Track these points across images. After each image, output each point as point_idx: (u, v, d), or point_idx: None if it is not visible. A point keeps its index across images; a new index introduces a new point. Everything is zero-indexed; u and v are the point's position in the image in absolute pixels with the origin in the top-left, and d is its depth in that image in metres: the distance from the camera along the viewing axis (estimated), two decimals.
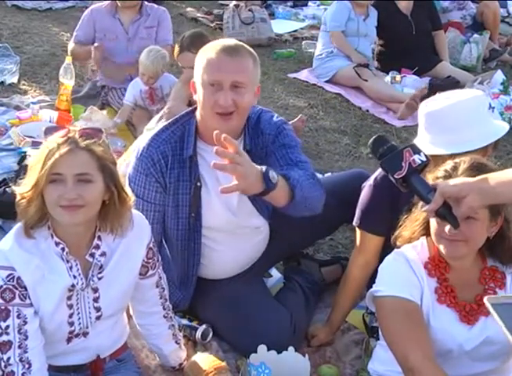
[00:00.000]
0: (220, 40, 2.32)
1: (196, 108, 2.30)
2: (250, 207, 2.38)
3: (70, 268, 1.81)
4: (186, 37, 3.68)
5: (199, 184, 2.27)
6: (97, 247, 1.84)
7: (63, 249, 1.79)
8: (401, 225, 1.95)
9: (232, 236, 2.40)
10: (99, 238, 1.85)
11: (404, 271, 1.86)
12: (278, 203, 2.11)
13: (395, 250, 1.94)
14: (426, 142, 2.12)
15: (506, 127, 2.17)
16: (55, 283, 1.80)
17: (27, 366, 1.76)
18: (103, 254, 1.86)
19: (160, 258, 2.05)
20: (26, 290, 1.76)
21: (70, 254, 1.80)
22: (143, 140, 2.34)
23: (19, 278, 1.74)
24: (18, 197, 1.74)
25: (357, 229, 2.41)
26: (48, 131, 1.79)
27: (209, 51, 2.18)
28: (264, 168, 1.94)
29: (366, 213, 2.35)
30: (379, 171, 2.33)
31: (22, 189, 1.74)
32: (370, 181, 2.35)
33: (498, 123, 2.21)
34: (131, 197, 1.86)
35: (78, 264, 1.82)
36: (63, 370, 1.95)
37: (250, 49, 2.23)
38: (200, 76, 2.17)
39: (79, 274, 1.83)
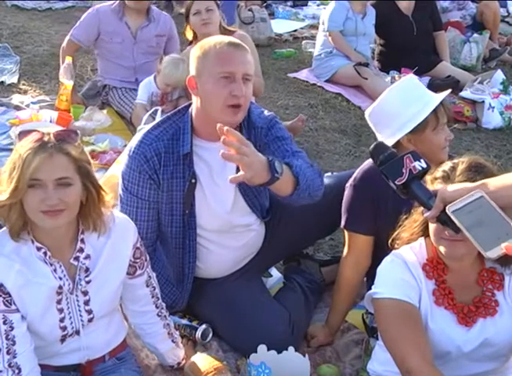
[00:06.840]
0: (219, 36, 2.33)
1: (189, 105, 2.30)
2: (244, 205, 2.38)
3: (55, 270, 1.80)
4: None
5: (193, 181, 2.27)
6: (81, 250, 1.84)
7: (45, 253, 1.78)
8: (400, 226, 1.95)
9: (224, 234, 2.40)
10: (83, 241, 1.84)
11: (402, 273, 1.86)
12: (284, 192, 2.09)
13: (393, 251, 1.93)
14: (384, 140, 2.19)
15: (441, 95, 2.28)
16: (41, 285, 1.79)
17: (16, 371, 1.75)
18: (88, 256, 1.85)
19: (148, 258, 2.03)
20: (10, 296, 1.75)
21: (52, 257, 1.80)
22: (135, 138, 2.34)
23: (1, 285, 1.74)
24: None
25: (344, 231, 2.42)
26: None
27: (216, 45, 2.18)
28: (270, 157, 1.95)
29: (350, 213, 2.37)
30: (358, 171, 2.37)
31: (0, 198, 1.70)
32: (350, 181, 2.37)
33: (434, 95, 2.30)
34: (110, 194, 1.85)
35: (63, 266, 1.82)
36: (62, 369, 1.95)
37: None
38: (209, 69, 2.16)
39: (64, 276, 1.82)
